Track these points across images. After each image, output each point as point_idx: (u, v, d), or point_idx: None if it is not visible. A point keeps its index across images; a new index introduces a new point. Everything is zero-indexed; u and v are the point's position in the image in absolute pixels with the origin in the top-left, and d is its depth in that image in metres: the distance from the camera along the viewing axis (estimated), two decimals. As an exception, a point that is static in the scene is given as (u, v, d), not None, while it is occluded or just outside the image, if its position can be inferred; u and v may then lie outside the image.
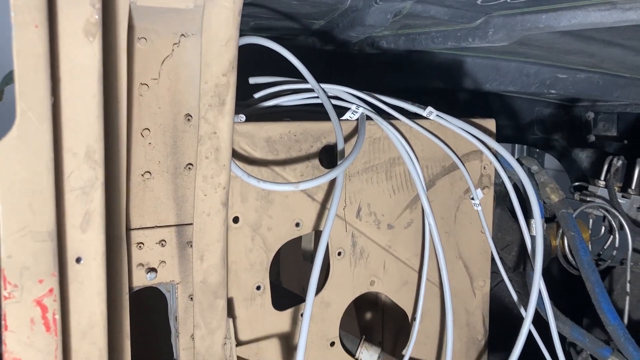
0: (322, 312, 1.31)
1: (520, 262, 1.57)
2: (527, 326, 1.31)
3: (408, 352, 1.36)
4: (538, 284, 1.33)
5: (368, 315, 1.70)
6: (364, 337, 1.39)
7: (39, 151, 0.62)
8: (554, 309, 1.37)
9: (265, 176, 1.20)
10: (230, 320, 1.13)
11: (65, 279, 0.67)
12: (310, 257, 1.76)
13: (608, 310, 1.35)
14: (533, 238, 1.41)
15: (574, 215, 1.46)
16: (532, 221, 1.41)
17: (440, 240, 1.35)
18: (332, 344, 1.33)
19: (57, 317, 0.62)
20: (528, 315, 1.31)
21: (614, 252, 1.59)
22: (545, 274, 1.38)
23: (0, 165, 0.60)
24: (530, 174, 1.48)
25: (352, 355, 1.37)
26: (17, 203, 0.60)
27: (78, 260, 0.68)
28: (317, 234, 1.31)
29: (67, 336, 0.68)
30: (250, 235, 1.20)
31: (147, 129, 1.03)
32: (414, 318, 1.44)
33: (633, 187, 1.67)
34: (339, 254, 1.31)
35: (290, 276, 1.85)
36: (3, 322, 0.59)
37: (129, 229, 1.04)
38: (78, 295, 0.69)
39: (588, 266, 1.41)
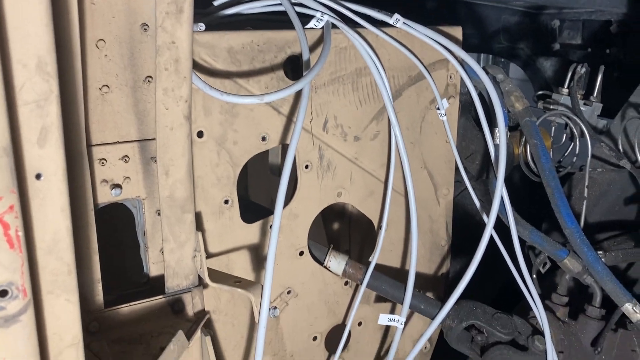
0: (291, 223, 1.33)
1: (483, 171, 1.60)
2: (489, 231, 1.35)
3: (374, 258, 1.40)
4: (500, 190, 1.36)
5: (335, 226, 1.73)
6: (331, 245, 1.42)
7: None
8: (514, 214, 1.42)
9: (229, 89, 1.17)
10: (200, 233, 1.14)
11: (25, 196, 0.66)
12: (278, 170, 1.76)
13: (566, 214, 1.40)
14: (496, 146, 1.43)
15: (536, 124, 1.48)
16: (496, 130, 1.42)
17: (405, 150, 1.36)
18: (301, 253, 1.36)
19: (20, 233, 0.60)
20: (490, 220, 1.35)
21: (574, 159, 1.64)
22: (507, 181, 1.42)
23: None
24: (496, 83, 1.48)
25: (321, 263, 1.40)
26: None
27: (38, 176, 0.66)
28: (284, 147, 1.30)
29: (32, 253, 0.67)
30: (216, 150, 1.19)
31: (102, 39, 0.98)
32: (379, 227, 1.47)
33: (595, 94, 1.70)
34: (306, 167, 1.31)
35: (258, 190, 1.86)
36: None
37: (89, 145, 1.01)
38: (40, 212, 0.68)
39: (549, 173, 1.44)
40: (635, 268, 1.56)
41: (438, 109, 1.43)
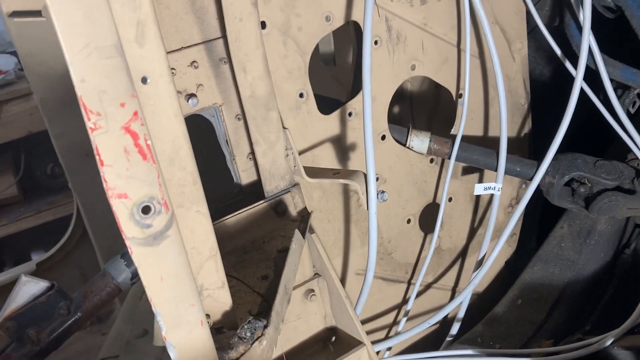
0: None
1: (554, 16, 1.47)
2: (579, 80, 1.25)
3: (460, 129, 1.32)
4: (588, 31, 1.24)
5: (395, 110, 1.65)
6: (410, 125, 1.34)
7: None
8: (602, 55, 1.31)
9: (283, -33, 1.05)
10: (287, 130, 1.07)
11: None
12: (332, 59, 1.66)
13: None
14: (569, -16, 1.31)
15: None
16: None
17: (482, 4, 1.24)
18: (383, 137, 1.29)
19: (150, 142, 0.54)
20: (580, 67, 1.25)
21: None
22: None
23: None
24: None
25: (403, 144, 1.33)
26: (72, 14, 0.48)
27: (144, 80, 0.58)
28: (348, 25, 1.19)
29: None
30: (282, 40, 1.09)
31: None
32: (459, 95, 1.38)
33: None
34: (376, 42, 1.21)
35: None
36: (97, 157, 0.52)
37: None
38: (155, 120, 0.61)
39: (632, 2, 1.31)
40: None
41: (502, -47, 1.29)
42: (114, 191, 0.53)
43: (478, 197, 1.52)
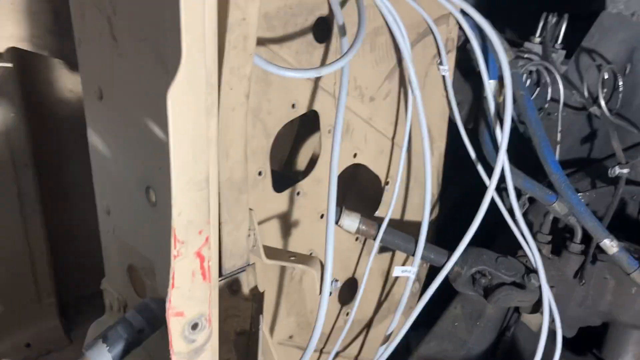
0: (315, 188, 1.32)
1: (470, 119, 1.67)
2: (492, 187, 1.44)
3: (388, 214, 1.44)
4: (505, 142, 1.44)
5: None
6: (343, 206, 1.44)
7: (200, 90, 0.51)
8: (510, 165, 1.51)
9: (265, 57, 1.11)
10: (253, 211, 1.11)
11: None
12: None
13: (552, 162, 1.52)
14: (485, 99, 1.51)
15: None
16: (489, 82, 1.49)
17: (423, 107, 1.38)
18: (322, 216, 1.37)
19: (211, 263, 0.56)
20: (494, 175, 1.44)
21: (546, 105, 1.76)
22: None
23: (172, 112, 0.49)
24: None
25: (336, 223, 1.42)
26: (184, 152, 0.50)
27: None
28: (311, 114, 1.27)
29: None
30: (252, 122, 1.14)
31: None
32: (387, 182, 1.51)
33: (559, 41, 1.80)
34: (329, 131, 1.30)
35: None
36: (171, 282, 0.53)
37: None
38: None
39: (535, 123, 1.54)
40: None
41: (440, 63, 1.46)
42: (172, 310, 0.55)
43: (387, 273, 1.65)
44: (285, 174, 1.47)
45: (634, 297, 1.52)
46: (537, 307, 1.54)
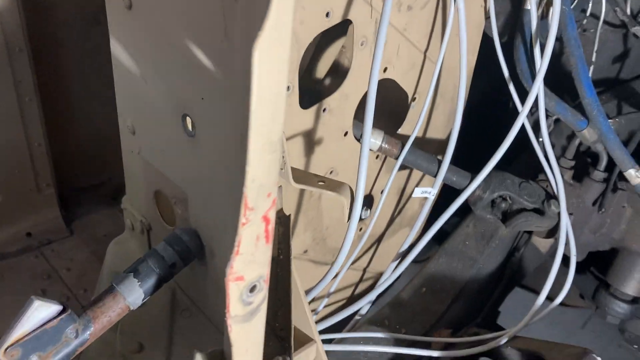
0: (342, 104, 1.24)
1: (504, 33, 1.55)
2: (524, 113, 1.37)
3: (414, 133, 1.37)
4: (542, 66, 1.35)
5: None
6: (366, 120, 1.36)
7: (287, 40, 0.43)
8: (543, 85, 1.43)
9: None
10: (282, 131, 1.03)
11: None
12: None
13: (587, 85, 1.44)
14: (526, 11, 1.40)
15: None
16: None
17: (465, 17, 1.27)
18: (346, 133, 1.30)
19: (273, 225, 0.50)
20: (526, 106, 1.36)
21: (584, 21, 1.64)
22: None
23: (257, 67, 0.41)
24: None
25: (358, 140, 1.35)
26: (264, 113, 0.42)
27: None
28: (345, 23, 1.16)
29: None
30: (284, 32, 1.03)
31: None
32: (413, 98, 1.43)
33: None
34: (362, 43, 1.20)
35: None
36: (236, 249, 0.47)
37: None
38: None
39: (574, 41, 1.44)
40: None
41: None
42: (233, 275, 0.50)
43: (403, 190, 1.61)
44: (313, 89, 1.38)
45: (649, 227, 1.51)
46: (552, 232, 1.54)
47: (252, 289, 0.53)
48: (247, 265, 0.51)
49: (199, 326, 0.85)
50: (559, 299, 1.44)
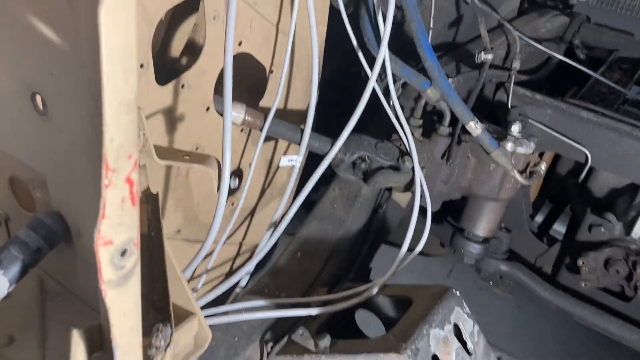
0: (200, 80, 1.25)
1: (349, 4, 1.64)
2: (374, 77, 1.47)
3: (275, 104, 1.42)
4: (388, 35, 1.45)
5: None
6: (226, 95, 1.38)
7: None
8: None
9: None
10: (141, 109, 1.02)
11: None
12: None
13: (427, 49, 1.57)
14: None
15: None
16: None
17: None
18: (207, 109, 1.32)
19: (138, 187, 0.51)
20: (374, 71, 1.46)
21: (420, -10, 1.77)
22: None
23: (104, 27, 0.41)
24: None
25: (221, 114, 1.37)
26: (115, 72, 0.43)
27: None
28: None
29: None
30: (132, 8, 1.02)
31: None
32: (271, 71, 1.47)
33: None
34: (214, 17, 1.21)
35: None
36: (101, 212, 0.48)
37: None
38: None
39: (413, 10, 1.56)
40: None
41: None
42: (102, 240, 0.51)
43: (270, 161, 1.66)
44: (167, 65, 1.37)
45: (491, 173, 1.69)
46: (409, 186, 1.66)
47: (123, 253, 0.55)
48: (115, 228, 0.52)
49: (73, 309, 0.83)
50: (419, 248, 1.58)
